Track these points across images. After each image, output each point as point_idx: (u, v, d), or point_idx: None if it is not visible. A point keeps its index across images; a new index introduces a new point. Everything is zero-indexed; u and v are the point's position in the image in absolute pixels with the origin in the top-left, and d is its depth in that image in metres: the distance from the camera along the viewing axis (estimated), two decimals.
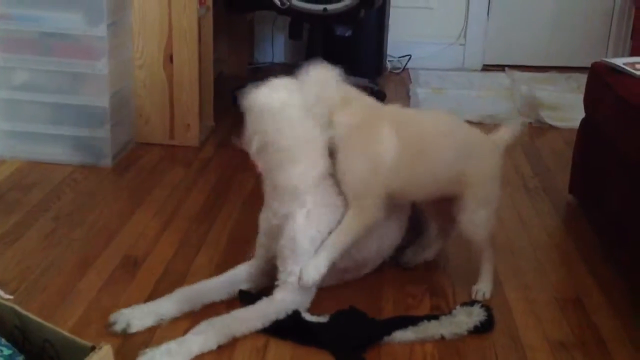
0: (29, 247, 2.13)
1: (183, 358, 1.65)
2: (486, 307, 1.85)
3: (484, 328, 1.80)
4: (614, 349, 1.77)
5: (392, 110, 1.97)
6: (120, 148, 2.82)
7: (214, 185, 2.62)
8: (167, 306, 1.81)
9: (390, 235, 2.02)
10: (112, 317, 1.77)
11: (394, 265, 2.08)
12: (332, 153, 1.84)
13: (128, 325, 1.74)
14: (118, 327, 1.74)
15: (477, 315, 1.82)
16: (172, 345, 1.66)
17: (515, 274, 2.09)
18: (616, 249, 2.14)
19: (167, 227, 2.28)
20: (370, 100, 1.92)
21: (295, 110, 1.80)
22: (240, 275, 1.93)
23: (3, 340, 1.40)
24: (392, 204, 1.90)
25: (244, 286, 1.92)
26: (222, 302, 1.87)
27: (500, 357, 1.72)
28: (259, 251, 1.95)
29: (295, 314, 1.80)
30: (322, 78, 1.83)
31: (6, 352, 1.37)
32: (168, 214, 2.37)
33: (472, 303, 1.87)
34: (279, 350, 1.72)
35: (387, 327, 1.79)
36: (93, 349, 1.29)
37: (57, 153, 2.73)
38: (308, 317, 1.81)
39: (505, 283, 2.04)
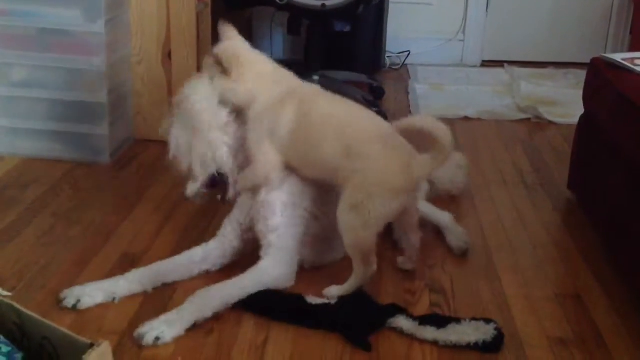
0: (27, 244, 2.13)
1: (181, 326, 1.70)
2: (499, 329, 1.76)
3: (486, 348, 1.71)
4: (613, 346, 1.77)
5: (306, 90, 1.97)
6: (118, 145, 2.81)
7: None
8: (120, 284, 1.85)
9: None
10: (63, 294, 1.81)
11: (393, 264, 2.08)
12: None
13: (78, 301, 1.79)
14: (68, 303, 1.79)
15: (484, 333, 1.74)
16: (169, 316, 1.71)
17: (513, 270, 2.09)
18: (615, 244, 2.14)
19: (165, 224, 2.28)
20: (284, 74, 1.97)
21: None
22: (196, 256, 1.97)
23: (2, 338, 1.40)
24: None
25: (200, 267, 1.96)
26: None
27: (499, 355, 1.72)
28: (226, 229, 2.00)
29: (299, 298, 1.82)
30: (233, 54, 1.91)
31: (5, 349, 1.37)
32: (167, 211, 2.36)
33: (488, 321, 1.78)
34: (278, 346, 1.71)
35: (392, 310, 1.80)
36: (92, 346, 1.29)
37: (55, 150, 2.73)
38: (313, 300, 1.82)
39: (503, 280, 2.04)
